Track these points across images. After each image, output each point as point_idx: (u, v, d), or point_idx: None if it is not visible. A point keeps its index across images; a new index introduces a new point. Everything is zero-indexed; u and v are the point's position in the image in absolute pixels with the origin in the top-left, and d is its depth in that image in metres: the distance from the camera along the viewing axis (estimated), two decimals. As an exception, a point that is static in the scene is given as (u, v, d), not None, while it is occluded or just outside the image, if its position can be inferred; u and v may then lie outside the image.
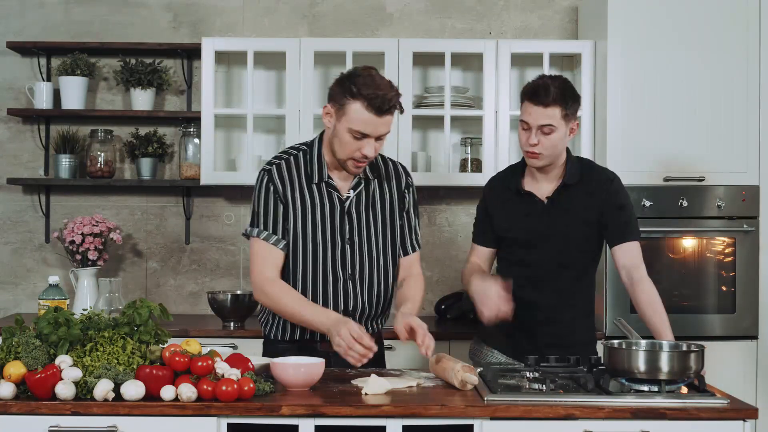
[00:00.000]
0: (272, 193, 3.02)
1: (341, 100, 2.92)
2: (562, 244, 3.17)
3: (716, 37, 4.16)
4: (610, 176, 3.24)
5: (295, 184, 3.04)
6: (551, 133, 3.08)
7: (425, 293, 3.33)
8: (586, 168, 3.24)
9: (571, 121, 3.12)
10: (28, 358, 2.59)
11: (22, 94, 4.72)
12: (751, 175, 4.16)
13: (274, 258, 3.02)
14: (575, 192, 3.18)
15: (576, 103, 3.13)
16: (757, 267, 4.16)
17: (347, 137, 2.93)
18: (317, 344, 3.06)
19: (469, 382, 2.73)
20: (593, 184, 3.19)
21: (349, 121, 2.91)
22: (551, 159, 3.14)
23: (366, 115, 2.89)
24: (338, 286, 3.05)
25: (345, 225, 3.05)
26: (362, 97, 2.88)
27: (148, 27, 4.75)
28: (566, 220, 3.17)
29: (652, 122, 4.15)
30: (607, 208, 3.16)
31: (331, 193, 3.05)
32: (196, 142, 4.59)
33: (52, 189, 4.75)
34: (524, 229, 3.21)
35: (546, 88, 3.08)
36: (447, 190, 4.75)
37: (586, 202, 3.17)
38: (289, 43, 4.40)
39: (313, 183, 3.04)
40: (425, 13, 4.78)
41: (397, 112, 2.98)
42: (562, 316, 3.20)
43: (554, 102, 3.06)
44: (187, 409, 2.53)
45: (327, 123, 2.99)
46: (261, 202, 3.03)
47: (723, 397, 2.64)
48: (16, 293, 4.75)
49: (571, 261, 3.19)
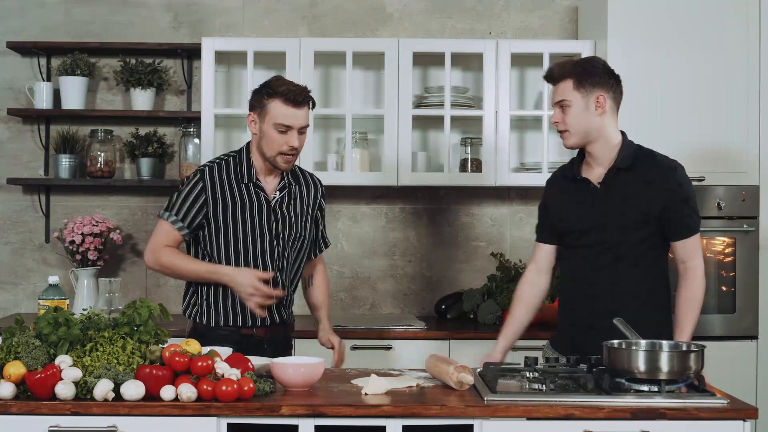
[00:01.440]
0: (199, 189, 3.27)
1: (261, 103, 3.25)
2: (617, 232, 3.07)
3: (716, 36, 4.16)
4: (672, 165, 3.10)
5: (225, 184, 3.30)
6: (568, 108, 3.07)
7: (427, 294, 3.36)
8: (644, 154, 3.12)
9: (589, 94, 3.05)
10: (28, 358, 2.59)
11: (22, 94, 4.72)
12: (751, 175, 4.16)
13: (173, 237, 3.30)
14: (631, 178, 3.08)
15: (594, 75, 3.06)
16: (757, 267, 4.16)
17: (273, 134, 3.23)
18: (254, 330, 3.30)
19: (465, 382, 2.73)
20: (653, 172, 3.07)
21: (272, 118, 3.22)
22: (582, 136, 3.08)
23: (285, 108, 3.21)
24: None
25: (272, 221, 3.31)
26: (279, 94, 3.21)
27: (148, 27, 4.75)
28: (622, 208, 3.07)
29: (652, 122, 4.15)
30: (672, 202, 3.05)
31: (259, 193, 3.31)
32: (196, 142, 4.59)
33: (52, 189, 4.75)
34: (578, 216, 3.14)
35: (554, 67, 3.14)
36: (447, 190, 4.75)
37: (644, 190, 3.06)
38: (289, 43, 4.40)
39: (242, 183, 3.31)
40: (425, 13, 4.78)
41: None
42: (623, 310, 3.02)
43: (562, 76, 3.09)
44: (187, 409, 2.53)
45: (253, 129, 3.29)
46: (183, 194, 3.28)
47: (723, 397, 2.64)
48: (16, 293, 4.75)
49: (627, 250, 3.07)
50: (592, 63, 3.12)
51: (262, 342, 3.29)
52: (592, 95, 3.05)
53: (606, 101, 3.06)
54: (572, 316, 3.17)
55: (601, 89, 3.06)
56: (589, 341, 3.00)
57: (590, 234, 3.10)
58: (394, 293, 4.77)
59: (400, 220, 4.78)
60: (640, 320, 2.97)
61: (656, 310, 3.12)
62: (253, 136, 3.31)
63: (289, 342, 3.47)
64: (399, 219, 4.78)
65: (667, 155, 3.16)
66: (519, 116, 4.57)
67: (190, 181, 3.30)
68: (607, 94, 3.07)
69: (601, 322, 2.99)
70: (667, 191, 3.04)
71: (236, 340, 3.23)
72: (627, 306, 3.05)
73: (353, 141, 4.47)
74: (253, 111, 3.28)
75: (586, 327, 3.10)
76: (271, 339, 3.33)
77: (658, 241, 3.10)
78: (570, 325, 3.18)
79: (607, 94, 3.07)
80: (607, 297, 3.08)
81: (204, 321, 3.32)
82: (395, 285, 4.76)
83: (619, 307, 3.02)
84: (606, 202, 3.08)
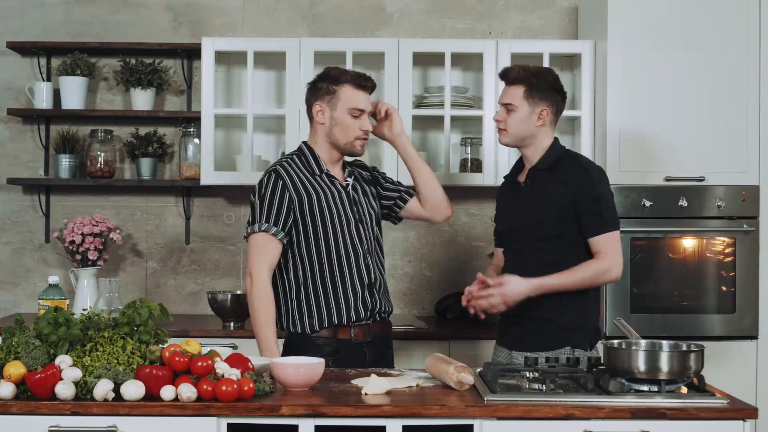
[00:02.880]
0: (281, 188, 3.23)
1: (329, 91, 3.28)
2: (538, 229, 3.24)
3: (716, 37, 4.16)
4: (586, 166, 3.28)
5: (301, 179, 3.27)
6: (513, 112, 3.27)
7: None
8: (567, 157, 3.31)
9: (537, 104, 3.25)
10: (28, 358, 2.59)
11: (22, 94, 4.72)
12: (751, 175, 4.16)
13: (273, 250, 3.21)
14: (549, 178, 3.27)
15: (547, 90, 3.26)
16: (757, 267, 4.16)
17: (348, 119, 3.27)
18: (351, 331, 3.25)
19: (465, 382, 2.73)
20: (568, 172, 3.25)
21: (346, 103, 3.26)
22: (517, 139, 3.30)
23: (357, 93, 3.27)
24: (359, 260, 3.29)
25: (353, 206, 3.33)
26: (348, 80, 3.27)
27: (148, 27, 4.75)
28: (540, 204, 3.25)
29: (652, 122, 4.15)
30: (583, 199, 3.20)
31: (333, 181, 3.32)
32: (196, 142, 4.59)
33: (52, 189, 4.75)
34: (507, 213, 3.39)
35: (512, 69, 3.33)
36: (447, 190, 4.70)
37: (560, 189, 3.23)
38: (289, 43, 4.40)
39: (315, 176, 3.30)
40: (425, 13, 4.78)
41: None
42: (544, 304, 3.20)
43: (515, 81, 3.28)
44: (187, 409, 2.53)
45: (321, 119, 3.30)
46: (267, 198, 3.22)
47: (723, 397, 2.65)
48: (16, 293, 4.75)
49: (548, 247, 3.23)
50: (545, 77, 3.30)
51: (361, 346, 3.24)
52: (538, 108, 3.27)
53: (548, 115, 3.29)
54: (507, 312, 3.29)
55: (546, 103, 3.28)
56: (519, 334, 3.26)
57: (516, 230, 3.32)
58: (394, 293, 4.76)
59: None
60: (563, 313, 3.19)
61: (576, 305, 3.23)
62: (320, 126, 3.31)
63: (389, 343, 3.41)
64: (399, 219, 4.77)
65: (590, 158, 3.41)
66: (519, 116, 4.56)
67: (268, 184, 3.24)
68: (551, 108, 3.29)
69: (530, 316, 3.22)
70: (578, 188, 3.22)
71: (334, 349, 3.19)
72: (548, 299, 3.20)
73: (353, 141, 4.46)
74: (319, 101, 3.28)
75: (514, 322, 3.29)
76: (371, 341, 3.27)
77: (575, 238, 3.23)
78: (503, 319, 3.39)
79: (550, 108, 3.29)
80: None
81: (299, 329, 3.24)
82: (395, 285, 4.76)
83: (541, 301, 3.19)
84: (527, 198, 3.31)
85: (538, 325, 3.23)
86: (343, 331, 3.24)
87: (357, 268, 3.27)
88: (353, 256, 3.27)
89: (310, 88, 3.34)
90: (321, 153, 3.33)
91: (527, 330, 3.25)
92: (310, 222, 3.24)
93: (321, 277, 3.25)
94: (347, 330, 3.24)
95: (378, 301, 3.30)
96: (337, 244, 3.26)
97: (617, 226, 3.24)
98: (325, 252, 3.25)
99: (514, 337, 3.30)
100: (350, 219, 3.29)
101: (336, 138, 3.29)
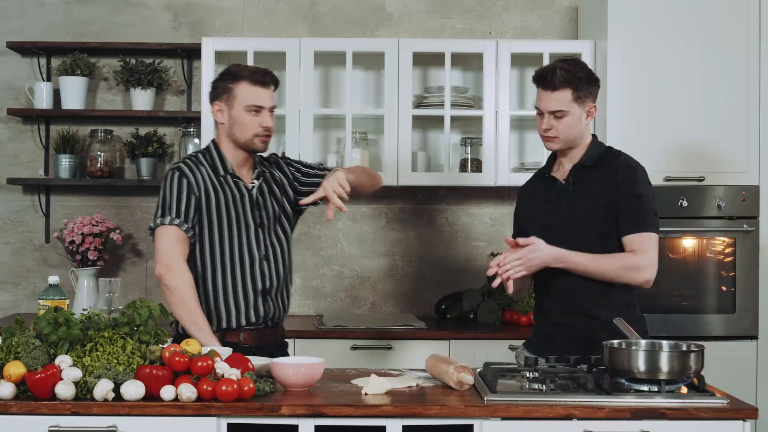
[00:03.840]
0: (185, 185, 3.17)
1: (226, 90, 3.22)
2: (580, 227, 3.09)
3: (716, 36, 4.16)
4: (633, 163, 3.14)
5: (205, 178, 3.21)
6: (563, 117, 3.08)
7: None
8: (610, 155, 3.17)
9: (585, 103, 3.09)
10: (28, 358, 2.58)
11: (22, 94, 4.72)
12: (751, 175, 4.16)
13: (182, 242, 3.14)
14: (594, 175, 3.12)
15: (590, 84, 3.10)
16: (757, 267, 4.16)
17: (245, 116, 3.20)
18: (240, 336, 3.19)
19: (465, 382, 2.73)
20: (614, 168, 3.11)
21: (242, 101, 3.19)
22: (569, 142, 3.13)
23: (254, 89, 3.20)
24: (255, 266, 3.22)
25: (255, 210, 3.25)
26: (244, 77, 3.20)
27: (148, 27, 4.75)
28: (584, 203, 3.10)
29: (652, 122, 4.15)
30: (625, 196, 3.06)
31: (237, 182, 3.26)
32: (196, 142, 4.59)
33: (52, 189, 4.75)
34: (544, 213, 3.18)
35: (553, 72, 3.08)
36: (447, 190, 4.75)
37: (604, 185, 3.09)
38: (289, 43, 4.40)
39: (219, 176, 3.24)
40: (425, 13, 4.78)
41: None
42: (593, 308, 3.07)
43: (562, 85, 3.06)
44: (187, 409, 2.53)
45: (220, 119, 3.25)
46: (174, 193, 3.16)
47: (723, 397, 2.64)
48: (16, 293, 4.74)
49: (591, 247, 3.06)
50: (587, 71, 3.12)
51: (250, 351, 3.06)
52: (586, 106, 3.11)
53: (595, 110, 3.14)
54: (546, 317, 3.19)
55: (591, 99, 3.12)
56: (559, 340, 3.10)
57: (555, 229, 3.12)
58: (394, 293, 4.77)
59: (400, 220, 4.78)
60: (611, 316, 2.97)
61: (623, 308, 3.10)
62: (221, 126, 3.26)
63: (282, 347, 3.34)
64: (399, 219, 4.78)
65: (634, 158, 3.18)
66: (519, 116, 4.56)
67: (171, 180, 3.18)
68: (595, 102, 3.14)
69: (575, 320, 3.09)
70: (621, 185, 3.07)
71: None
72: (598, 303, 3.07)
73: (353, 141, 4.47)
74: (217, 100, 3.24)
75: (555, 325, 3.15)
76: (261, 346, 3.19)
77: (620, 238, 3.09)
78: (539, 323, 3.24)
79: (594, 102, 3.14)
80: (579, 295, 3.10)
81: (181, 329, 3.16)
82: (395, 285, 4.76)
83: (588, 305, 3.07)
84: (569, 196, 3.14)
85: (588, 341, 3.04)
86: (231, 335, 3.18)
87: (251, 274, 3.19)
88: (248, 261, 3.19)
89: (211, 89, 3.28)
90: (227, 153, 3.26)
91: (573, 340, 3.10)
92: (207, 223, 3.18)
93: (213, 280, 3.18)
94: (236, 334, 3.19)
95: (271, 307, 3.24)
96: (232, 248, 3.19)
97: (656, 229, 3.06)
98: (220, 255, 3.18)
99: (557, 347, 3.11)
100: (249, 224, 3.22)
101: (236, 136, 3.22)
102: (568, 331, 3.12)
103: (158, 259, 3.13)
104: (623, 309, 3.09)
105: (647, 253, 3.02)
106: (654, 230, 3.06)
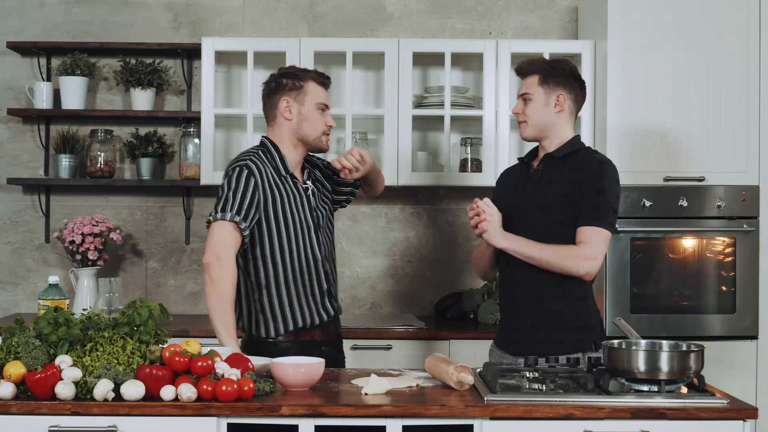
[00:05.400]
0: (252, 184, 3.16)
1: (297, 85, 3.23)
2: (541, 215, 3.16)
3: (716, 36, 4.16)
4: (603, 159, 3.22)
5: (269, 177, 3.20)
6: (530, 101, 3.24)
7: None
8: (585, 150, 3.26)
9: (553, 90, 3.21)
10: (28, 358, 2.59)
11: (22, 94, 4.72)
12: (751, 175, 4.16)
13: (235, 241, 3.11)
14: (563, 166, 3.20)
15: (561, 75, 3.22)
16: (757, 267, 4.16)
17: (315, 114, 3.23)
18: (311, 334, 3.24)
19: (465, 382, 2.73)
20: (582, 162, 3.19)
21: (312, 98, 3.23)
22: (538, 130, 3.25)
23: (320, 88, 3.26)
24: (318, 266, 3.26)
25: (313, 212, 3.28)
26: (311, 76, 3.25)
27: (148, 27, 4.75)
28: (548, 191, 3.18)
29: (652, 122, 4.15)
30: (587, 188, 3.12)
31: (296, 184, 3.27)
32: (196, 142, 4.59)
33: (52, 189, 4.75)
34: (512, 197, 3.28)
35: (526, 61, 3.30)
36: (447, 190, 4.75)
37: (571, 176, 3.16)
38: (289, 43, 4.40)
39: (281, 176, 3.23)
40: (425, 13, 4.78)
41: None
42: (546, 296, 3.14)
43: (530, 71, 3.25)
44: (187, 409, 2.53)
45: (288, 115, 3.23)
46: (239, 190, 3.13)
47: (723, 397, 2.65)
48: (16, 293, 4.75)
49: (549, 234, 3.13)
50: (560, 64, 3.27)
51: (320, 345, 3.23)
52: (554, 93, 3.23)
53: (565, 101, 3.23)
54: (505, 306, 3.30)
55: (563, 89, 3.23)
56: (517, 329, 3.21)
57: (517, 212, 3.21)
58: (394, 293, 4.77)
59: (400, 220, 4.78)
60: (564, 308, 3.12)
61: (578, 299, 3.17)
62: (285, 123, 3.24)
63: (339, 339, 3.41)
64: (399, 219, 4.78)
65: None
66: (519, 116, 4.56)
67: (239, 177, 3.15)
68: (568, 95, 3.24)
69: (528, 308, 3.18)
70: (587, 178, 3.15)
71: (296, 352, 3.13)
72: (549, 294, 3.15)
73: (353, 141, 4.47)
74: (286, 95, 3.22)
75: (511, 313, 3.26)
76: (327, 340, 3.29)
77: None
78: (505, 317, 3.33)
79: (568, 95, 3.24)
80: (531, 281, 3.17)
81: (262, 333, 3.21)
82: (395, 285, 4.76)
83: (541, 294, 3.15)
84: (536, 183, 3.23)
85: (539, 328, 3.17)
86: (304, 333, 3.24)
87: (317, 274, 3.24)
88: (313, 262, 3.23)
89: (274, 85, 3.25)
90: (286, 152, 3.25)
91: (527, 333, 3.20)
92: (272, 224, 3.18)
93: (285, 282, 3.20)
94: (308, 333, 3.24)
95: (336, 304, 3.33)
96: (298, 250, 3.21)
97: (610, 227, 3.11)
98: (289, 258, 3.19)
99: (514, 340, 3.23)
100: (309, 225, 3.24)
101: (305, 133, 3.22)
102: (523, 318, 3.20)
103: (210, 247, 3.09)
104: (575, 301, 3.17)
105: (592, 247, 3.08)
106: (607, 227, 3.11)
